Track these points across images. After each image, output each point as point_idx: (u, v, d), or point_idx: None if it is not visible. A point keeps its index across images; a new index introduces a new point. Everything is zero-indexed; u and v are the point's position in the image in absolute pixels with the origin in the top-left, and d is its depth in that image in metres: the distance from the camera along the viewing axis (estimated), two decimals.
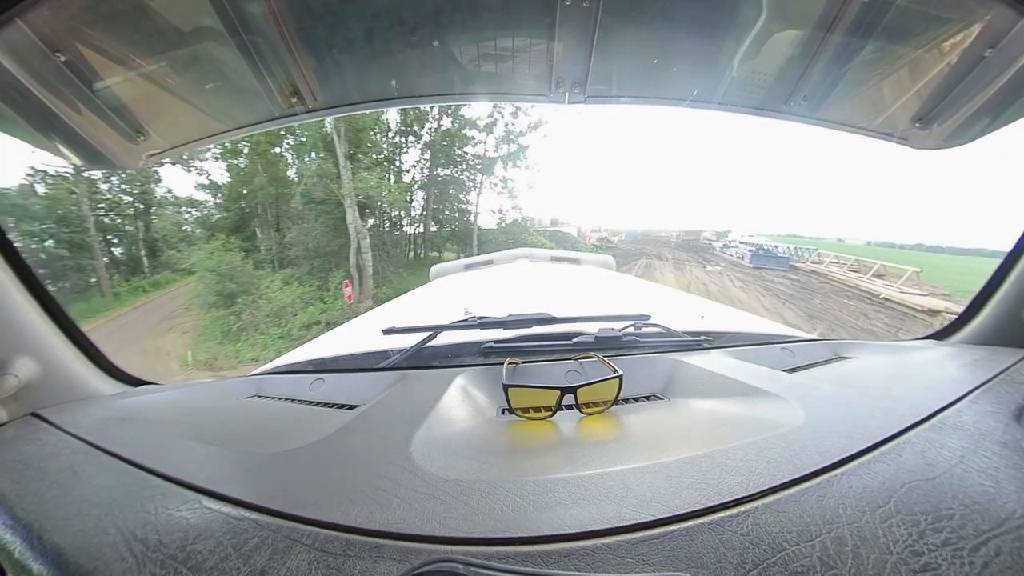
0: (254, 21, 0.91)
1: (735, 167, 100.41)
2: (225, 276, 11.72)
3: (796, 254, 23.98)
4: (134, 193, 15.78)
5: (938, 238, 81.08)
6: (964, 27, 0.88)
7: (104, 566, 0.39)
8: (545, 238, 22.78)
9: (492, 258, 3.23)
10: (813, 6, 0.97)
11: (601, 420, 0.66)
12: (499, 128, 17.51)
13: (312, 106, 1.15)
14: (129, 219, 15.94)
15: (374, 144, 15.44)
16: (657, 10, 1.04)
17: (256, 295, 11.46)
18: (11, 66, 0.73)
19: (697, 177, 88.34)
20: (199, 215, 15.72)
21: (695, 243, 36.06)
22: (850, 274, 17.37)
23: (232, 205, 15.60)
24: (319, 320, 11.16)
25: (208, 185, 15.38)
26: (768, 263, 20.81)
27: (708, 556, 0.35)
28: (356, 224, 13.22)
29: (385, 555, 0.37)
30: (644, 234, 39.97)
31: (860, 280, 15.68)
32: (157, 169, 14.99)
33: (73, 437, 0.62)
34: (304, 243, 13.89)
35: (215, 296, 11.65)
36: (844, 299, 13.58)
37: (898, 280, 14.83)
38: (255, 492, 0.46)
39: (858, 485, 0.43)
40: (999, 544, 0.36)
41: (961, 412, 0.57)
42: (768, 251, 23.70)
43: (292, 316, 11.15)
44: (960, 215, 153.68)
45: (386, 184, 14.71)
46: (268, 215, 15.77)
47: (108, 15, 0.81)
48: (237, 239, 13.72)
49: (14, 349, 0.70)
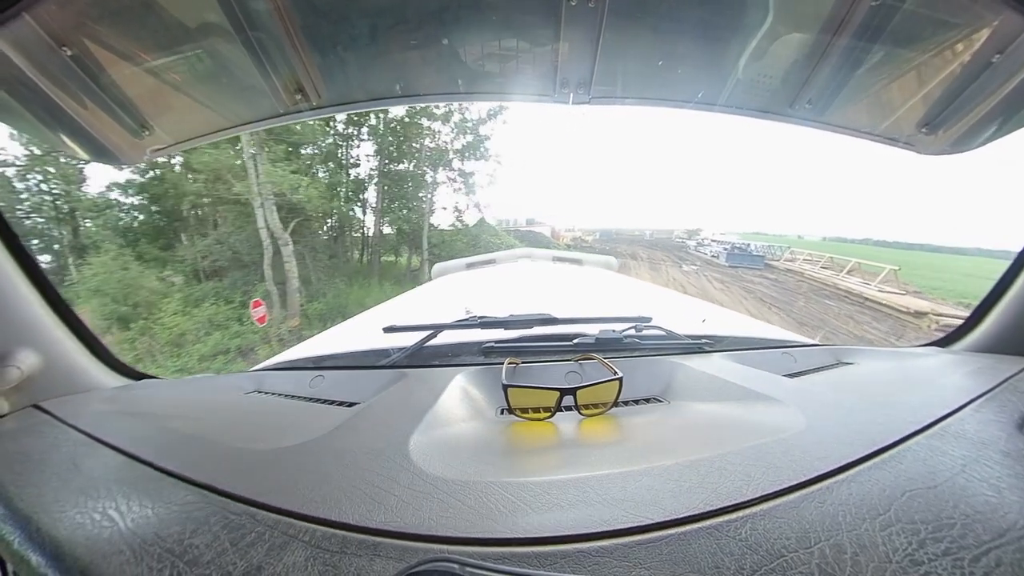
0: (259, 18, 0.91)
1: (706, 167, 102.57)
2: (114, 296, 9.31)
3: (769, 252, 24.40)
4: (55, 194, 11.75)
5: (888, 233, 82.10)
6: (972, 32, 0.87)
7: (102, 558, 0.39)
8: (516, 238, 21.68)
9: (494, 257, 3.24)
10: (820, 9, 0.96)
11: (600, 422, 0.66)
12: (456, 116, 14.86)
13: (316, 103, 1.15)
14: (53, 223, 11.98)
15: (299, 132, 12.04)
16: (663, 11, 1.04)
17: (152, 319, 9.01)
18: (18, 60, 0.73)
19: (670, 176, 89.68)
20: (113, 218, 12.16)
21: (668, 241, 35.98)
22: (823, 272, 17.37)
23: (149, 206, 12.52)
24: (228, 347, 8.72)
25: (123, 184, 11.98)
26: (743, 262, 20.96)
27: (705, 561, 0.35)
28: (273, 227, 10.52)
29: (382, 553, 0.37)
30: (618, 232, 40.01)
31: (837, 278, 15.44)
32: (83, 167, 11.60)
33: (74, 429, 0.62)
34: (220, 252, 11.39)
35: (103, 320, 9.01)
36: (827, 300, 13.28)
37: (875, 279, 14.50)
38: (253, 487, 0.46)
39: (858, 492, 0.42)
40: (1000, 555, 0.35)
41: (963, 420, 0.57)
42: (743, 250, 23.92)
43: (192, 344, 8.63)
44: (909, 211, 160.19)
45: (301, 180, 11.04)
46: (191, 219, 12.70)
47: (114, 10, 0.81)
48: (155, 248, 11.51)
49: (17, 341, 0.70)
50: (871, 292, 12.97)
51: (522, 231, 26.65)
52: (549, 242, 25.02)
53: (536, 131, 39.25)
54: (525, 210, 38.85)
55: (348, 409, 0.72)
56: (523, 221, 33.47)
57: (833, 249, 23.33)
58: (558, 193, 57.17)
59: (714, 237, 38.77)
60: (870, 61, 1.02)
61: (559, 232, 31.98)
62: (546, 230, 30.48)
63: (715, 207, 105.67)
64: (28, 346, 0.71)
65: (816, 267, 18.70)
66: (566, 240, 30.02)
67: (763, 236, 44.82)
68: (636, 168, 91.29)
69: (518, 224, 32.27)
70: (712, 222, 60.74)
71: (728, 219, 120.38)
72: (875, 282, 14.29)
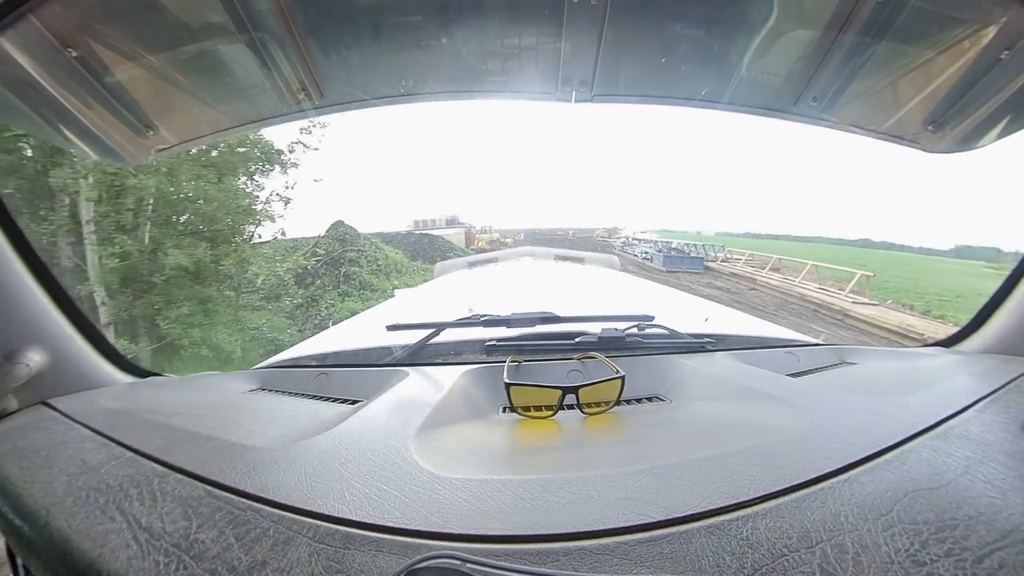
0: (262, 17, 0.91)
1: (618, 165, 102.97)
2: None
3: (704, 252, 21.68)
4: None
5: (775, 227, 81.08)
6: (980, 28, 0.86)
7: (109, 552, 0.40)
8: (403, 250, 16.22)
9: (496, 256, 3.24)
10: (825, 5, 0.95)
11: (602, 420, 0.66)
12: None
13: (319, 103, 1.15)
14: None
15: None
16: (666, 8, 1.03)
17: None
18: (23, 61, 0.74)
19: (588, 175, 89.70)
20: None
21: (591, 241, 33.54)
22: (772, 275, 15.44)
23: None
24: None
25: None
26: (682, 265, 18.29)
27: (707, 559, 0.35)
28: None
29: (384, 549, 0.38)
30: (543, 233, 38.42)
31: (796, 285, 13.38)
32: None
33: (81, 426, 0.63)
34: None
35: None
36: (799, 316, 10.81)
37: (840, 285, 12.60)
38: (258, 483, 0.47)
39: (861, 492, 0.42)
40: (1003, 556, 0.35)
41: (968, 421, 0.57)
42: (680, 251, 21.36)
43: None
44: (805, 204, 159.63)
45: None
46: None
47: (119, 11, 0.82)
48: None
49: (24, 339, 0.71)
50: (851, 306, 10.85)
51: (417, 235, 20.51)
52: (459, 251, 19.01)
53: (456, 129, 39.16)
54: (447, 210, 34.02)
55: (351, 407, 0.72)
56: (443, 222, 29.06)
57: (741, 245, 21.69)
58: (481, 193, 57.03)
59: (636, 236, 37.01)
60: (876, 58, 1.00)
61: (473, 235, 28.43)
62: (455, 234, 25.30)
63: (629, 205, 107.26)
64: (36, 344, 0.72)
65: (765, 270, 16.31)
66: (482, 243, 26.28)
67: (670, 233, 43.51)
68: (556, 167, 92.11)
69: (438, 225, 28.21)
70: (627, 220, 60.21)
71: (638, 217, 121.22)
72: (846, 291, 12.08)
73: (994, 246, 36.63)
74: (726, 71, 1.15)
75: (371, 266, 12.94)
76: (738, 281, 15.93)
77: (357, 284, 11.85)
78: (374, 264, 12.94)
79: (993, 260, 28.07)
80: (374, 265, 12.88)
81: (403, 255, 15.49)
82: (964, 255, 41.18)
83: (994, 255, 30.75)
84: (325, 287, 11.69)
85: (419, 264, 14.50)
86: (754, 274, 16.34)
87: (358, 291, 11.56)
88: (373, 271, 12.88)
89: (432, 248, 18.61)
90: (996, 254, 30.82)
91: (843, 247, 39.09)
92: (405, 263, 14.34)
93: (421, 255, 17.09)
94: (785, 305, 12.16)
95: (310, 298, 11.56)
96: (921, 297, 14.07)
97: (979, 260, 31.53)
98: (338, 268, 12.30)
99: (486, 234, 29.83)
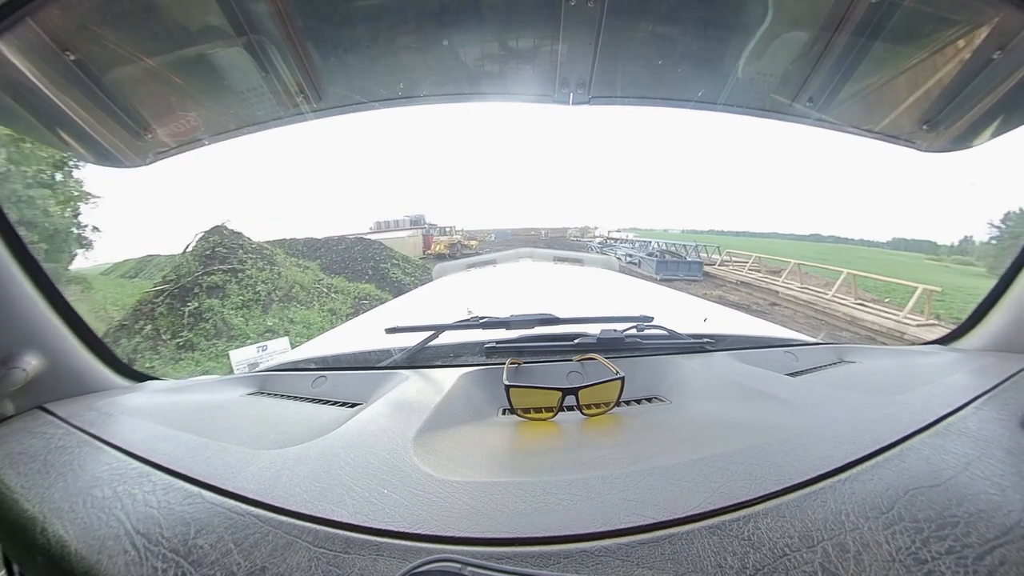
0: (261, 21, 0.92)
1: (589, 164, 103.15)
2: None
3: (696, 253, 18.05)
4: None
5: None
6: (972, 29, 0.87)
7: (107, 559, 0.39)
8: (317, 263, 11.29)
9: (495, 258, 3.24)
10: (820, 7, 0.96)
11: (602, 422, 0.66)
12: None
13: (318, 105, 1.15)
14: None
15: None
16: (662, 11, 1.04)
17: None
18: (21, 64, 0.74)
19: (564, 174, 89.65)
20: None
21: (563, 241, 30.78)
22: (790, 283, 12.27)
23: None
24: None
25: None
26: (678, 271, 14.68)
27: (708, 560, 0.35)
28: None
29: (385, 553, 0.37)
30: (515, 234, 34.92)
31: (821, 295, 10.56)
32: None
33: (78, 430, 0.63)
34: None
35: None
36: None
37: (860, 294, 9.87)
38: (257, 488, 0.47)
39: (861, 491, 0.42)
40: (1004, 553, 0.35)
41: (966, 418, 0.57)
42: (673, 253, 17.44)
43: None
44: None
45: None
46: None
47: (117, 14, 0.82)
48: None
49: (21, 343, 0.70)
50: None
51: (348, 241, 14.48)
52: (399, 259, 14.11)
53: (428, 128, 38.53)
54: (414, 210, 29.24)
55: (350, 410, 0.72)
56: (407, 222, 24.41)
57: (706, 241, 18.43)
58: (452, 192, 55.82)
59: (612, 235, 33.71)
60: (871, 59, 1.01)
61: (432, 237, 22.46)
62: (404, 238, 20.16)
63: (601, 204, 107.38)
64: (32, 348, 0.71)
65: (782, 277, 12.73)
66: (442, 247, 20.74)
67: (637, 231, 40.61)
68: (529, 166, 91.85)
69: (402, 225, 24.04)
70: (598, 219, 58.08)
71: (608, 215, 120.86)
72: (905, 311, 9.18)
73: (926, 239, 37.87)
74: (723, 73, 1.16)
75: (246, 294, 8.35)
76: (751, 292, 12.78)
77: (211, 328, 7.54)
78: (252, 290, 8.43)
79: (931, 253, 29.27)
80: (251, 292, 8.39)
81: (317, 269, 11.15)
82: (900, 247, 42.01)
83: (930, 248, 31.79)
84: (149, 336, 7.16)
85: (341, 282, 10.44)
86: (769, 282, 12.94)
87: (208, 341, 7.40)
88: (248, 302, 8.30)
89: (364, 258, 13.53)
90: (932, 247, 31.82)
91: (798, 242, 38.80)
92: (313, 283, 9.72)
93: (348, 268, 12.71)
94: (847, 327, 9.04)
95: None
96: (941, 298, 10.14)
97: (917, 253, 32.21)
98: (185, 304, 7.71)
99: (446, 236, 23.66)
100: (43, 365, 0.72)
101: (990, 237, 20.06)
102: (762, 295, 12.13)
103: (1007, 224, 17.57)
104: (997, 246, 18.65)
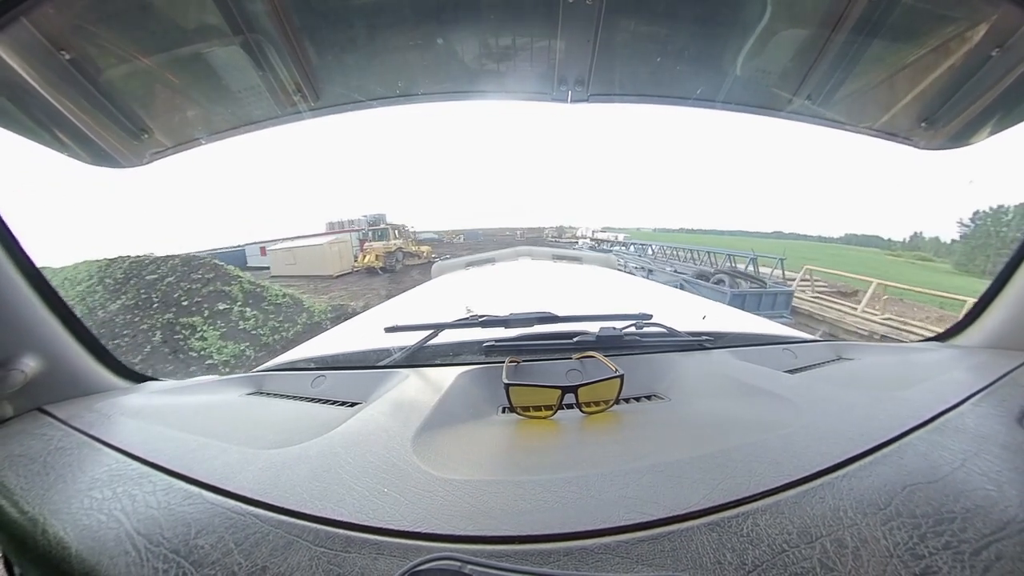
0: (257, 20, 0.91)
1: (561, 161, 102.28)
2: None
3: (731, 262, 11.15)
4: None
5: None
6: (971, 26, 0.87)
7: (108, 560, 0.39)
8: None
9: (494, 256, 3.24)
10: (818, 4, 0.96)
11: (602, 420, 0.66)
12: None
13: (315, 105, 1.15)
14: None
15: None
16: (661, 8, 1.04)
17: None
18: (16, 64, 0.73)
19: (540, 172, 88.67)
20: None
21: (539, 241, 27.78)
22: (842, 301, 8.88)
23: None
24: None
25: None
26: (759, 308, 8.18)
27: (707, 556, 0.35)
28: None
29: (385, 552, 0.38)
30: (487, 234, 31.45)
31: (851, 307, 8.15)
32: None
33: (78, 432, 0.63)
34: None
35: None
36: None
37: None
38: (257, 488, 0.47)
39: (859, 487, 0.43)
40: (1000, 548, 0.35)
41: (964, 415, 0.57)
42: (734, 272, 9.75)
43: None
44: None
45: None
46: None
47: (112, 13, 0.81)
48: None
49: (20, 345, 0.70)
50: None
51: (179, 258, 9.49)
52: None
53: (403, 126, 37.51)
54: (375, 209, 27.02)
55: (350, 409, 0.72)
56: (364, 223, 21.30)
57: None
58: (422, 191, 54.02)
59: (593, 235, 28.21)
60: (869, 56, 1.01)
61: (366, 243, 17.71)
62: (320, 244, 16.32)
63: (577, 203, 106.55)
64: (31, 350, 0.71)
65: (863, 303, 8.70)
66: (371, 259, 16.12)
67: (612, 230, 36.93)
68: (504, 164, 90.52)
69: (358, 225, 21.38)
70: (572, 218, 55.72)
71: (583, 215, 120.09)
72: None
73: (875, 234, 38.28)
74: (721, 70, 1.16)
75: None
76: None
77: None
78: None
79: (886, 248, 29.35)
80: None
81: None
82: (852, 242, 42.26)
83: (884, 244, 32.00)
84: None
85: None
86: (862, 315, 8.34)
87: None
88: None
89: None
90: (886, 243, 32.07)
91: (763, 239, 38.54)
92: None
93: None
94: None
95: None
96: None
97: (872, 248, 32.27)
98: None
99: (381, 241, 17.80)
100: (42, 367, 0.72)
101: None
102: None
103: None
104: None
